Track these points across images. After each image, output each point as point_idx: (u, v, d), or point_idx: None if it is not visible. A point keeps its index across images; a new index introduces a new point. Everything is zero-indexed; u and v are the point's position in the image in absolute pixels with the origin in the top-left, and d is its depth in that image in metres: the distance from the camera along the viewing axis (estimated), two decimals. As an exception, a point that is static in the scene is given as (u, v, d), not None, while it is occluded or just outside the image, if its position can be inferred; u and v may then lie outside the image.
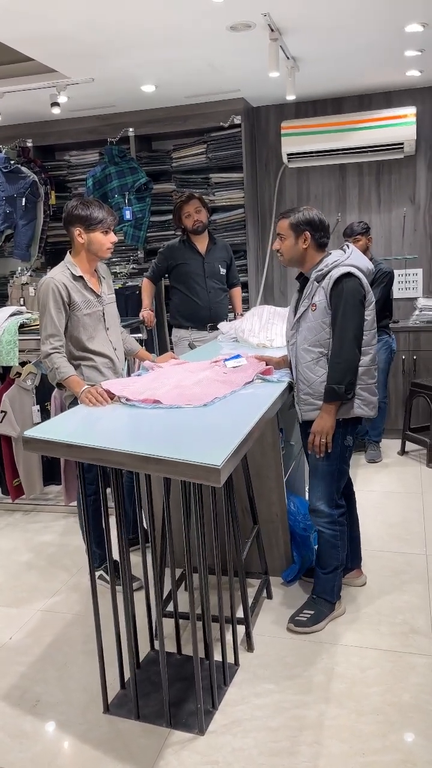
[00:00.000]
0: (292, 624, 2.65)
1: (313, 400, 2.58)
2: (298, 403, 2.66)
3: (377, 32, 3.64)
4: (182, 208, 4.14)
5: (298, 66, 4.14)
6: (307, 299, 2.59)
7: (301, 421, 2.69)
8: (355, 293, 2.48)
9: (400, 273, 5.10)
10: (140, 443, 2.03)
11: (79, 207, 2.81)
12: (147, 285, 4.39)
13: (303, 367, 2.60)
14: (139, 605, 2.68)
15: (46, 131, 5.31)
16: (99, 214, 2.81)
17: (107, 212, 2.85)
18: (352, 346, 2.47)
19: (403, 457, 4.68)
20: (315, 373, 2.56)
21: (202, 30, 3.46)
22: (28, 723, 2.25)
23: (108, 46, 3.65)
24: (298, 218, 2.58)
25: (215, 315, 4.24)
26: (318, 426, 2.54)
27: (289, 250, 2.62)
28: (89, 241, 2.83)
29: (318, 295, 2.54)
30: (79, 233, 2.83)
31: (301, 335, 2.61)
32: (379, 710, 2.19)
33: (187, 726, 2.16)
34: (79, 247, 2.87)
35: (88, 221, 2.80)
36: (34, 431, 2.18)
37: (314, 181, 5.29)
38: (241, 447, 1.95)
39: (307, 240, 2.58)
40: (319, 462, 2.60)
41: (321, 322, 2.53)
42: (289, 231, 2.60)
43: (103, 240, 2.85)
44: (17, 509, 4.10)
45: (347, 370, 2.48)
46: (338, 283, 2.48)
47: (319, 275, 2.54)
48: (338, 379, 2.48)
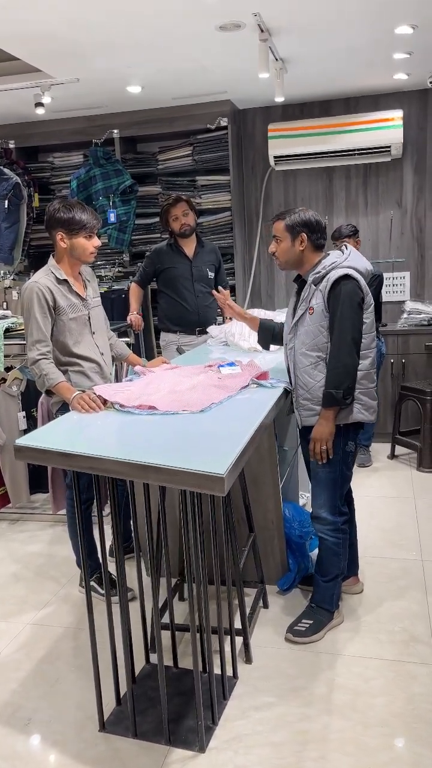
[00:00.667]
0: (290, 634, 2.59)
1: (312, 405, 2.53)
2: (297, 408, 2.61)
3: (367, 34, 3.62)
4: (169, 211, 4.09)
5: (287, 68, 4.11)
6: (304, 302, 2.53)
7: (301, 426, 2.64)
8: (353, 296, 2.43)
9: (388, 276, 5.09)
10: (137, 451, 1.96)
11: (61, 210, 2.72)
12: (135, 289, 4.32)
13: (301, 372, 2.55)
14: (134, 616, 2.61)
15: (30, 132, 5.22)
16: (81, 218, 2.72)
17: (90, 215, 2.76)
18: (350, 350, 2.42)
19: (393, 461, 4.66)
20: (313, 377, 2.51)
21: (190, 29, 3.40)
22: (20, 743, 2.16)
23: (94, 46, 3.58)
24: (294, 219, 2.53)
25: (204, 319, 4.18)
26: (317, 433, 2.48)
27: (285, 252, 2.56)
28: (72, 246, 2.75)
29: (315, 298, 2.49)
30: (62, 238, 2.75)
31: (298, 339, 2.55)
32: (384, 722, 2.14)
33: (187, 743, 2.09)
34: (61, 252, 2.79)
35: (71, 225, 2.72)
36: (26, 440, 2.09)
37: (301, 184, 5.26)
38: (244, 453, 1.90)
39: (303, 242, 2.53)
40: (320, 469, 2.55)
41: (319, 326, 2.48)
42: (285, 233, 2.54)
43: (86, 245, 2.77)
44: (3, 518, 4.00)
45: (345, 374, 2.43)
46: (336, 285, 2.43)
47: (316, 278, 2.49)
48: (336, 383, 2.43)
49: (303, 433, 2.69)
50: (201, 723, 2.07)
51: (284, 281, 5.38)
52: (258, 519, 2.88)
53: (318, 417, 2.51)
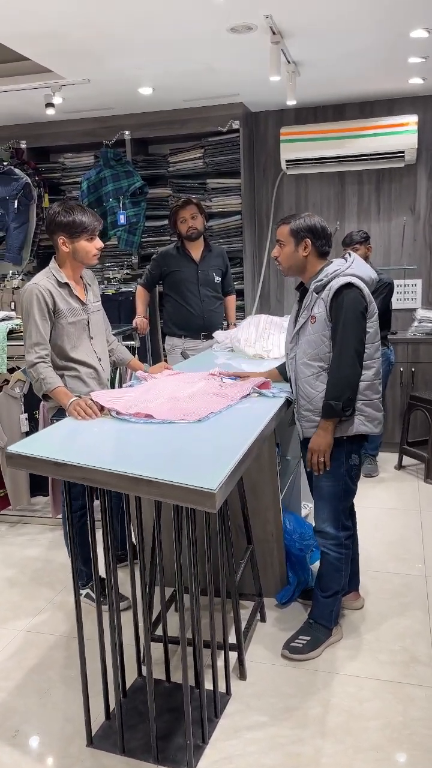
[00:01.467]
0: (287, 650, 2.53)
1: (314, 416, 2.46)
2: (299, 419, 2.55)
3: (381, 37, 3.56)
4: (178, 212, 4.05)
5: (299, 71, 4.06)
6: (306, 311, 2.47)
7: (302, 438, 2.57)
8: (356, 305, 2.36)
9: (399, 283, 5.01)
10: (130, 462, 1.91)
11: (61, 214, 2.67)
12: (141, 292, 4.29)
13: (303, 382, 2.48)
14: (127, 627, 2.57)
15: (41, 133, 5.20)
16: (82, 220, 2.68)
17: (91, 217, 2.71)
18: (352, 361, 2.36)
19: (400, 471, 4.58)
20: (315, 388, 2.45)
21: (201, 31, 3.36)
22: (6, 755, 2.12)
23: (105, 47, 3.55)
24: (298, 224, 2.47)
25: (209, 323, 4.14)
26: (315, 444, 2.42)
27: (288, 257, 2.50)
28: (74, 249, 2.71)
29: (317, 306, 2.43)
30: (63, 242, 2.71)
31: (300, 349, 2.49)
32: (378, 747, 2.07)
33: (176, 762, 2.04)
34: (63, 255, 2.75)
35: (72, 229, 2.67)
36: (17, 446, 2.05)
37: (313, 189, 5.20)
38: (237, 468, 1.84)
39: (307, 248, 2.47)
40: (323, 482, 2.49)
41: (321, 335, 2.42)
42: (289, 237, 2.48)
43: (88, 247, 2.73)
44: (2, 521, 3.97)
45: (346, 385, 2.36)
46: (338, 294, 2.37)
47: (318, 286, 2.43)
48: (336, 395, 2.36)
49: (304, 445, 2.63)
50: (190, 742, 2.01)
51: (294, 286, 5.31)
52: (257, 530, 2.82)
53: None
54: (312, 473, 2.65)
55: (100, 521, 2.07)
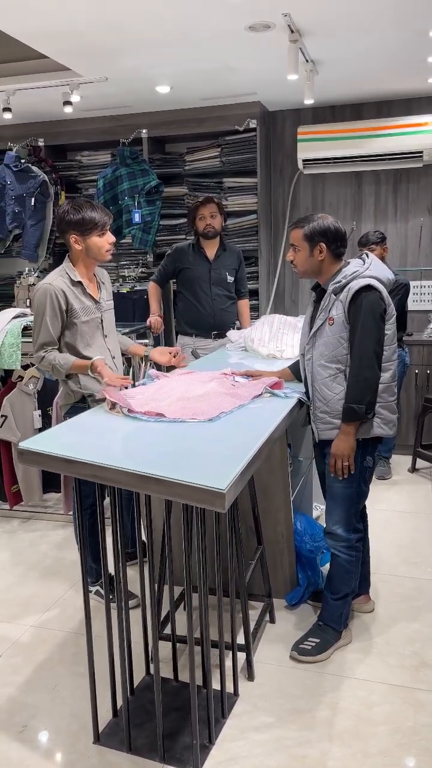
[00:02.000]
0: (295, 652, 2.52)
1: (330, 418, 2.45)
2: (314, 421, 2.53)
3: (400, 37, 3.53)
4: (198, 209, 4.04)
5: (317, 69, 4.03)
6: (323, 312, 2.45)
7: (318, 440, 2.55)
8: (375, 307, 2.34)
9: (416, 285, 4.97)
10: (140, 460, 1.91)
11: (71, 212, 2.67)
12: (153, 289, 4.27)
13: (319, 384, 2.46)
14: (135, 625, 2.57)
15: (58, 130, 5.22)
16: (92, 217, 2.67)
17: (100, 212, 2.70)
18: (372, 363, 2.33)
19: (414, 474, 4.54)
20: (332, 390, 2.43)
21: (219, 30, 3.35)
22: (13, 750, 2.13)
23: (123, 45, 3.55)
24: (312, 228, 2.44)
25: (219, 323, 4.11)
26: (338, 448, 2.40)
27: (303, 262, 2.48)
28: (87, 247, 2.71)
29: (336, 308, 2.40)
30: (75, 240, 2.71)
31: (317, 350, 2.47)
32: (386, 751, 2.05)
33: (182, 762, 2.03)
34: (77, 254, 2.75)
35: (82, 226, 2.67)
36: (29, 443, 2.06)
37: (329, 189, 5.17)
38: (248, 468, 1.83)
39: (322, 251, 2.44)
40: (337, 484, 2.47)
41: (339, 337, 2.39)
42: (303, 242, 2.45)
43: (100, 243, 2.72)
44: (15, 516, 3.99)
45: (367, 388, 2.34)
46: (357, 296, 2.34)
47: (336, 287, 2.40)
48: (358, 398, 2.34)
49: (319, 447, 2.61)
50: (196, 742, 2.01)
51: (308, 286, 5.28)
52: (267, 531, 2.81)
53: (336, 431, 2.43)
54: (324, 474, 2.64)
55: (110, 519, 2.07)
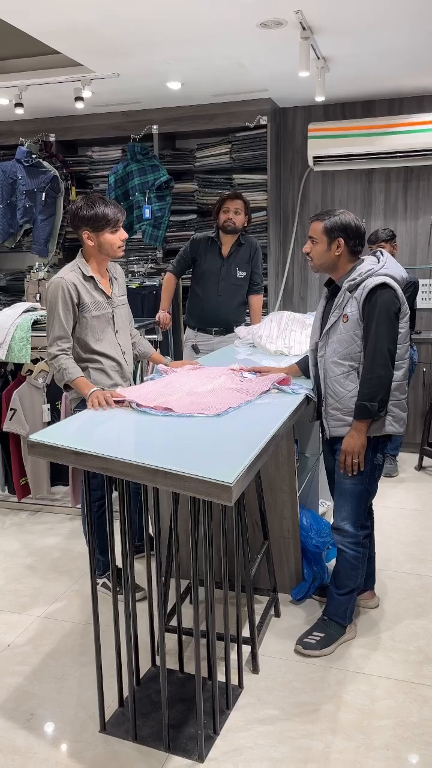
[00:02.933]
0: (300, 646, 2.53)
1: (342, 415, 2.46)
2: (326, 418, 2.53)
3: (412, 33, 3.52)
4: (225, 202, 4.00)
5: (329, 66, 4.03)
6: (338, 310, 2.45)
7: (329, 437, 2.55)
8: (389, 305, 2.34)
9: (425, 283, 4.96)
10: (148, 453, 1.93)
11: (84, 208, 2.68)
12: (168, 281, 4.21)
13: (332, 381, 2.47)
14: (142, 617, 2.60)
15: (69, 126, 5.25)
16: (105, 213, 2.68)
17: (113, 208, 2.71)
18: (386, 361, 2.34)
19: (420, 472, 4.54)
20: (345, 387, 2.44)
21: (231, 26, 3.36)
22: (21, 738, 2.16)
23: (134, 41, 3.57)
24: (333, 223, 2.43)
25: (222, 320, 4.06)
26: (349, 445, 2.41)
27: (320, 255, 2.48)
28: (99, 243, 2.73)
29: (350, 306, 2.41)
30: (88, 236, 2.72)
31: (330, 347, 2.47)
32: (389, 745, 2.07)
33: (187, 751, 2.06)
34: (89, 250, 2.77)
35: (95, 222, 2.68)
36: (39, 435, 2.09)
37: (339, 186, 5.17)
38: (254, 463, 1.85)
39: (340, 247, 2.44)
40: (346, 481, 2.48)
41: (353, 335, 2.40)
42: (323, 235, 2.45)
43: (112, 239, 2.73)
44: (23, 509, 4.03)
45: (380, 386, 2.35)
46: (372, 294, 2.35)
47: (351, 285, 2.40)
48: (371, 395, 2.35)
49: (330, 443, 2.61)
50: (201, 732, 2.03)
51: (317, 284, 5.30)
52: (273, 526, 2.83)
53: (347, 428, 2.44)
54: (332, 471, 2.65)
55: (118, 512, 2.09)
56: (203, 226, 5.13)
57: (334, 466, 2.61)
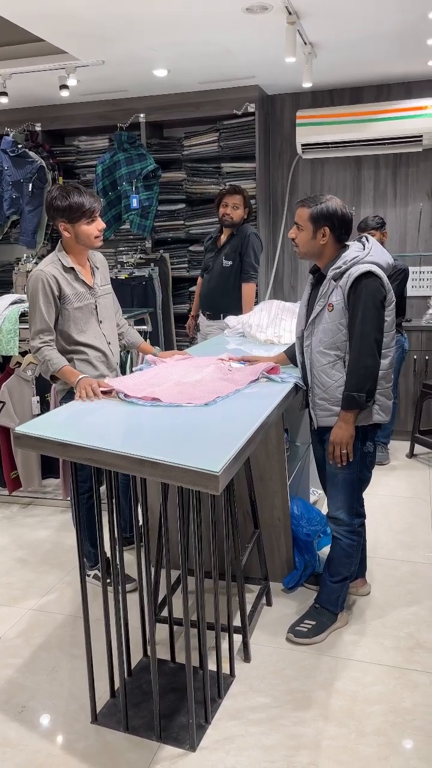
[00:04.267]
0: (291, 634, 2.54)
1: (330, 405, 2.44)
2: (313, 408, 2.52)
3: (399, 19, 3.49)
4: (224, 197, 4.16)
5: (316, 52, 4.00)
6: (323, 299, 2.43)
7: (316, 427, 2.54)
8: (375, 294, 2.32)
9: (414, 270, 4.95)
10: (135, 444, 1.92)
11: (58, 198, 2.63)
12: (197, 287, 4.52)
13: (318, 371, 2.45)
14: (133, 608, 2.59)
15: (55, 115, 5.19)
16: (81, 203, 2.62)
17: (89, 198, 2.65)
18: (372, 351, 2.32)
19: (412, 460, 4.55)
20: (331, 377, 2.42)
21: (217, 12, 3.31)
22: (12, 730, 2.16)
23: (119, 28, 3.52)
24: (319, 210, 2.40)
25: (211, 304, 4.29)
26: (337, 436, 2.39)
27: (305, 243, 2.45)
28: (75, 234, 2.68)
29: (335, 294, 2.38)
30: (64, 227, 2.68)
31: (316, 337, 2.45)
32: (380, 731, 2.08)
33: (178, 741, 2.06)
34: (67, 241, 2.73)
35: (70, 213, 2.64)
36: (25, 427, 2.07)
37: (329, 173, 5.14)
38: (242, 452, 1.84)
39: (326, 236, 2.41)
40: (338, 470, 2.47)
41: (338, 324, 2.38)
42: (308, 223, 2.42)
43: (89, 230, 2.68)
44: (14, 502, 4.01)
45: (368, 376, 2.33)
46: (357, 282, 2.32)
47: (336, 273, 2.38)
48: (358, 386, 2.33)
49: (318, 433, 2.60)
50: (193, 721, 2.04)
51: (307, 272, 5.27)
52: (264, 515, 2.83)
53: (335, 418, 2.43)
54: (322, 460, 2.65)
55: (107, 503, 2.08)
56: (192, 216, 5.10)
57: (323, 456, 2.60)
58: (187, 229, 5.14)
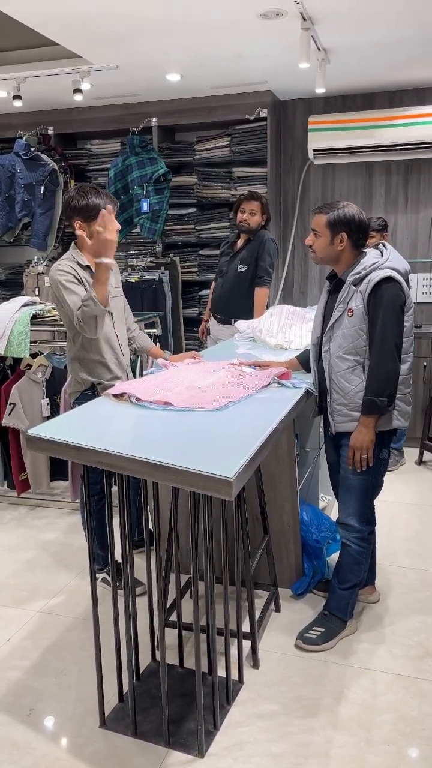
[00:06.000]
0: (300, 641, 2.53)
1: (348, 411, 2.43)
2: (331, 413, 2.50)
3: (412, 26, 3.49)
4: (242, 203, 4.18)
5: (329, 58, 4.00)
6: (342, 304, 2.41)
7: (335, 432, 2.52)
8: (395, 299, 2.32)
9: (425, 277, 4.94)
10: (148, 447, 1.92)
11: (75, 198, 2.67)
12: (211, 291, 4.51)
13: (337, 376, 2.44)
14: (142, 611, 2.59)
15: (68, 119, 5.21)
16: (96, 203, 2.66)
17: (105, 198, 2.69)
18: (393, 356, 2.32)
19: (420, 466, 4.54)
20: (350, 382, 2.41)
21: (231, 17, 3.32)
22: (20, 733, 2.15)
23: (134, 33, 3.53)
24: (337, 216, 2.39)
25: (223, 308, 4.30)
26: (357, 441, 2.38)
27: (322, 249, 2.45)
28: (90, 233, 2.70)
29: (355, 300, 2.38)
30: (80, 226, 2.71)
31: (335, 342, 2.44)
32: (389, 740, 2.07)
33: (187, 746, 2.05)
34: (82, 240, 2.75)
35: (86, 212, 2.67)
36: (38, 430, 2.07)
37: (340, 179, 5.14)
38: (255, 457, 1.84)
39: (343, 241, 2.40)
40: (352, 476, 2.46)
41: (358, 329, 2.37)
42: (325, 229, 2.41)
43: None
44: (23, 503, 4.02)
45: (388, 381, 2.33)
46: (377, 288, 2.32)
47: (356, 278, 2.37)
48: (379, 391, 2.32)
49: (334, 439, 2.58)
50: (201, 727, 2.03)
51: (318, 278, 5.28)
52: (274, 521, 2.82)
53: (354, 423, 2.42)
54: (335, 466, 2.63)
55: (118, 506, 2.08)
56: (202, 220, 5.11)
57: (337, 461, 2.59)
58: (197, 233, 5.15)
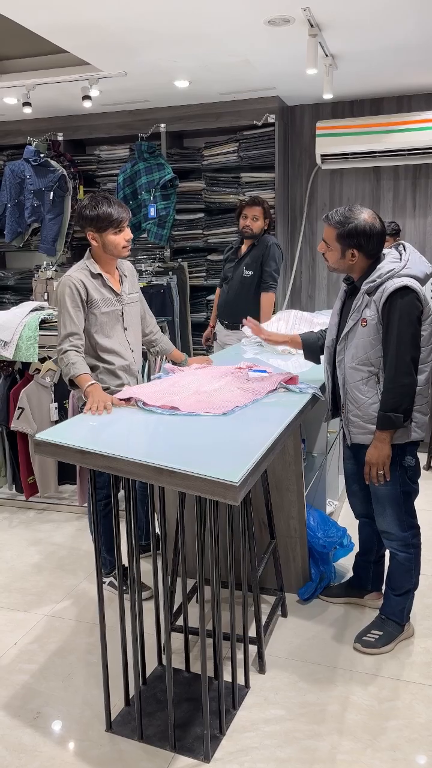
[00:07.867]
0: (359, 644, 2.52)
1: (363, 423, 2.39)
2: (346, 424, 2.47)
3: (420, 30, 3.49)
4: (244, 208, 4.20)
5: (337, 64, 4.01)
6: (356, 312, 2.35)
7: (350, 444, 2.50)
8: (411, 310, 2.23)
9: (434, 281, 4.93)
10: (154, 452, 1.93)
11: (88, 208, 2.69)
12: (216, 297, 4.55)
13: (351, 387, 2.40)
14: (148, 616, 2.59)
15: (77, 125, 5.25)
16: (108, 213, 2.67)
17: (117, 208, 2.69)
18: (408, 369, 2.24)
19: (429, 472, 4.52)
20: (364, 393, 2.36)
21: (238, 24, 3.34)
22: (27, 736, 2.16)
23: (142, 39, 3.56)
24: (347, 232, 2.29)
25: (228, 314, 4.31)
26: (373, 457, 2.33)
27: (335, 261, 2.39)
28: (103, 243, 2.73)
29: (369, 309, 2.30)
30: (92, 236, 2.73)
31: (349, 352, 2.38)
32: (395, 746, 2.06)
33: (192, 751, 2.06)
34: (95, 249, 2.78)
35: (98, 222, 2.68)
36: (46, 434, 2.09)
37: (347, 184, 5.14)
38: (261, 462, 1.84)
39: (355, 256, 2.33)
40: (380, 487, 2.42)
41: (372, 339, 2.31)
42: (335, 243, 2.34)
43: (116, 240, 2.72)
44: (31, 507, 4.04)
45: (404, 395, 2.26)
46: (392, 299, 2.24)
47: (370, 287, 2.30)
48: (394, 406, 2.26)
49: (351, 449, 2.56)
50: (207, 732, 2.03)
51: (325, 282, 5.28)
52: (280, 526, 2.82)
53: (370, 436, 2.37)
54: (353, 475, 2.61)
55: (125, 511, 2.09)
56: (210, 225, 5.13)
57: (354, 471, 2.58)
58: (205, 238, 5.17)
